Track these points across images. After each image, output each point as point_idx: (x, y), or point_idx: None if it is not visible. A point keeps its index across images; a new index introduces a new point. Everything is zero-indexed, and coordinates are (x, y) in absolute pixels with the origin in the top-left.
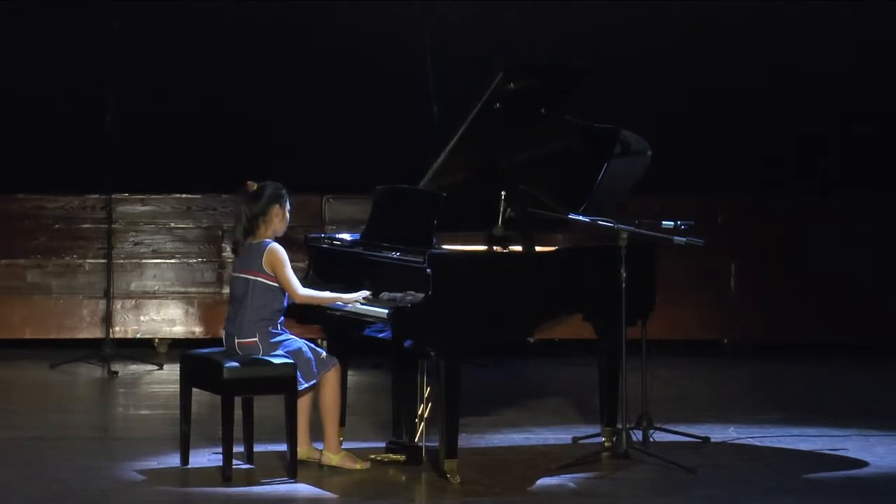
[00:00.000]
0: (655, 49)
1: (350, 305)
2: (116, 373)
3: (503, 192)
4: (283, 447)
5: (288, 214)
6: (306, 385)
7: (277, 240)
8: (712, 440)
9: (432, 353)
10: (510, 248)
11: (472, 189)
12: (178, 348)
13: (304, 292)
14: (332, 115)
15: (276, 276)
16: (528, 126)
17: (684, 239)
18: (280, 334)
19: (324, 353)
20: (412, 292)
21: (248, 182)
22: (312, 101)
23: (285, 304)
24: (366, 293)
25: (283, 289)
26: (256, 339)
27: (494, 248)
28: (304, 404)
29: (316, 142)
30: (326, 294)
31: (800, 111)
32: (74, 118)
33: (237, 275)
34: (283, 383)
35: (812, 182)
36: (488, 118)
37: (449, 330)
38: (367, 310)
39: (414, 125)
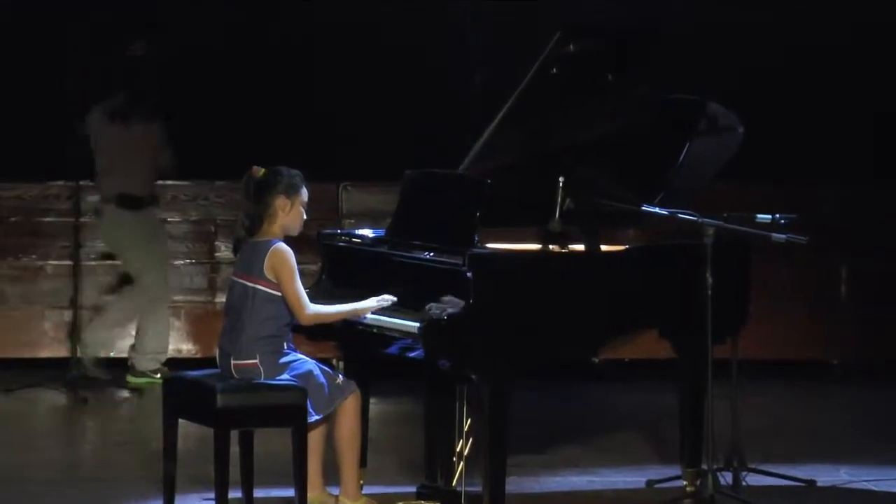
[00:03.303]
0: (748, 8)
1: (370, 317)
2: (86, 400)
3: (561, 179)
4: (290, 492)
5: (303, 209)
6: (318, 416)
7: (288, 240)
8: (818, 484)
9: (474, 377)
10: (569, 246)
11: (524, 175)
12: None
13: (312, 310)
14: (349, 86)
15: (280, 285)
16: (591, 97)
17: (784, 236)
18: (286, 354)
19: (340, 377)
20: (450, 298)
21: (254, 167)
22: (326, 72)
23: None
24: (389, 298)
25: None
26: (257, 360)
27: (550, 246)
28: (315, 439)
29: (331, 119)
30: (340, 308)
31: None
32: (34, 91)
33: (236, 279)
34: (290, 414)
35: None
36: (543, 87)
37: (494, 347)
38: (393, 322)
39: (451, 97)
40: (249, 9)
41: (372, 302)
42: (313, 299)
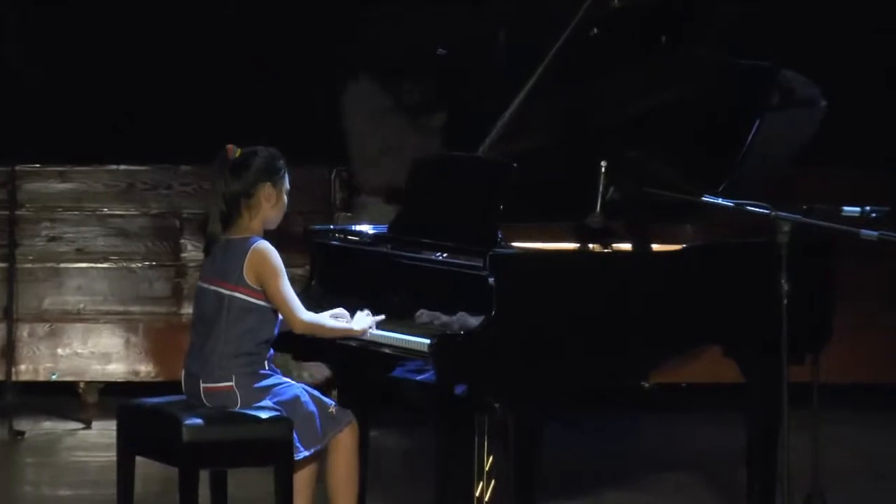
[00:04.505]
0: None
1: (368, 334)
2: (23, 433)
3: (603, 163)
4: None
5: (286, 197)
6: (307, 452)
7: (268, 235)
8: None
9: (497, 405)
10: (613, 246)
11: (557, 158)
12: (114, 396)
13: (307, 318)
14: (343, 52)
15: (266, 290)
16: (639, 63)
17: (876, 233)
18: (269, 376)
19: (333, 406)
20: (464, 314)
21: (229, 146)
22: (313, 36)
23: (276, 331)
24: (374, 317)
25: (274, 311)
26: (232, 383)
27: (590, 245)
28: (303, 480)
29: (324, 93)
30: (336, 324)
31: None
32: None
33: (206, 286)
34: (272, 450)
35: None
36: (580, 51)
37: (522, 369)
38: (398, 339)
39: (467, 63)
40: None
41: (366, 321)
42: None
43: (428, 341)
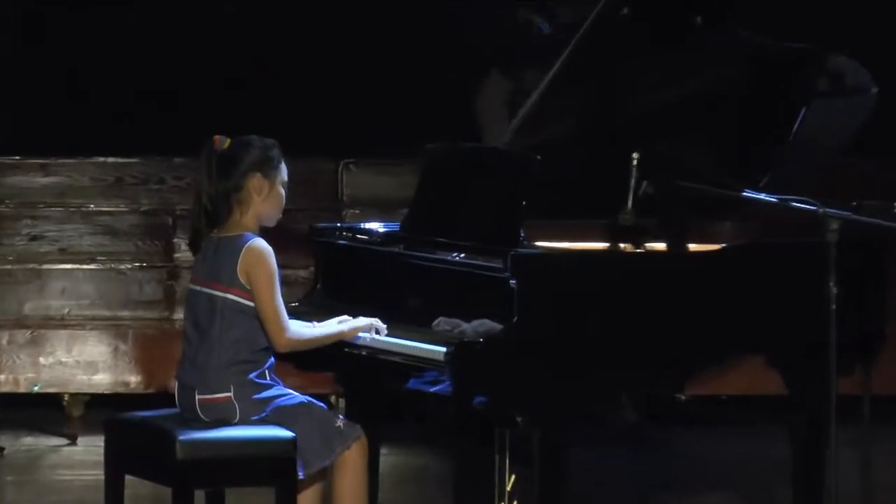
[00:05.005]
0: None
1: (369, 338)
2: (2, 449)
3: (635, 156)
4: None
5: (282, 189)
6: (311, 470)
7: (264, 233)
8: None
9: (519, 419)
10: (646, 245)
11: (585, 150)
12: (101, 410)
13: (292, 334)
14: (351, 35)
15: (254, 295)
16: (673, 46)
17: None
18: (269, 386)
19: (340, 420)
20: (481, 321)
21: (216, 137)
22: (323, 19)
23: None
24: (370, 322)
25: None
26: (230, 393)
27: (621, 245)
28: (308, 500)
29: (329, 78)
30: (324, 331)
31: None
32: None
33: (198, 288)
34: (273, 468)
35: None
36: (608, 34)
37: (546, 380)
38: (411, 347)
39: (483, 47)
40: None
41: (361, 321)
42: (304, 315)
43: (444, 349)
